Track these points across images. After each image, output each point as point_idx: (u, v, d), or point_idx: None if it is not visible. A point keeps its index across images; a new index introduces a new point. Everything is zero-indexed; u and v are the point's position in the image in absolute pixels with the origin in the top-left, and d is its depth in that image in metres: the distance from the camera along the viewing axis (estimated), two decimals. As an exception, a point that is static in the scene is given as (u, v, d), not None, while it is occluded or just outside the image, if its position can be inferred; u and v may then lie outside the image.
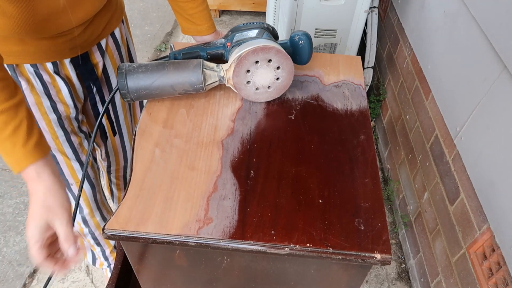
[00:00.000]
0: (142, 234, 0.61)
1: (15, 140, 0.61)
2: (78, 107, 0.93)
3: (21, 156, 0.61)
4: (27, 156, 0.62)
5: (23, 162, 0.62)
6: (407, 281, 1.53)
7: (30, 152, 0.62)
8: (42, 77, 0.83)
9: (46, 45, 0.78)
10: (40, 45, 0.78)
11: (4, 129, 0.60)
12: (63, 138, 0.93)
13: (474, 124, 1.12)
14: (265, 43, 0.75)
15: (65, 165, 0.98)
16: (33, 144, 0.62)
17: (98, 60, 0.91)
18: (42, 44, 0.78)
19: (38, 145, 0.63)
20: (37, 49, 0.78)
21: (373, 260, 0.60)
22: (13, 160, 0.62)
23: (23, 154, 0.61)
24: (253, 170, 0.70)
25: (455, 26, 1.26)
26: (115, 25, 0.92)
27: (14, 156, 0.61)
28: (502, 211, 0.98)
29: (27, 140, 0.62)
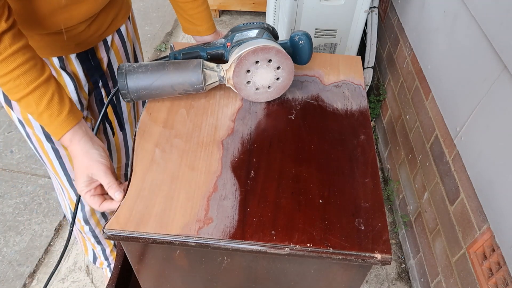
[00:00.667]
0: (142, 234, 0.61)
1: (51, 112, 0.68)
2: (83, 103, 0.93)
3: (57, 126, 0.69)
4: (62, 125, 0.69)
5: (60, 131, 0.69)
6: (407, 281, 1.53)
7: (64, 121, 0.69)
8: None
9: (51, 40, 0.79)
10: (46, 40, 0.78)
11: (39, 103, 0.67)
12: None
13: (474, 124, 1.12)
14: (265, 43, 0.75)
15: (67, 159, 0.98)
16: (66, 114, 0.69)
17: (103, 56, 0.91)
18: (47, 39, 0.78)
19: (70, 113, 0.70)
20: (42, 44, 0.79)
21: (373, 260, 0.60)
22: (52, 129, 0.69)
23: (59, 124, 0.69)
24: (253, 170, 0.70)
25: (455, 26, 1.26)
26: (121, 22, 0.92)
27: (52, 126, 0.69)
28: (502, 211, 0.98)
29: (61, 111, 0.69)
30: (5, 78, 0.63)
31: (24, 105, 0.67)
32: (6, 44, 0.62)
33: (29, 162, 1.87)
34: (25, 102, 0.66)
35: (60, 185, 1.06)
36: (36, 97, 0.66)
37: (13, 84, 0.64)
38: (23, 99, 0.66)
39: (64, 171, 1.00)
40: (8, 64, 0.63)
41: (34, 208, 1.70)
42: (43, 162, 1.00)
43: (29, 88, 0.65)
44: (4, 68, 0.63)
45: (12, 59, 0.63)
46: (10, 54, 0.62)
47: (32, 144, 0.95)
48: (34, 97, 0.66)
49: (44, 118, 0.68)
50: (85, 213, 1.13)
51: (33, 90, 0.66)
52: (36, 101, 0.66)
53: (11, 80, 0.64)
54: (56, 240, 1.61)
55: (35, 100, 0.66)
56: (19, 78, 0.64)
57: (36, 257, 1.55)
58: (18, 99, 0.66)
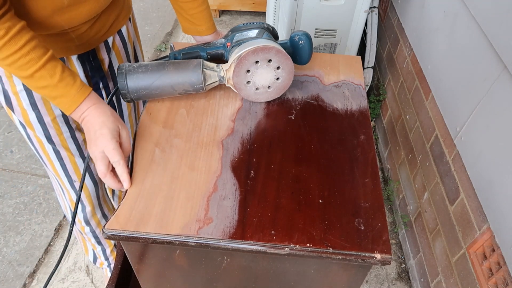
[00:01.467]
0: (142, 234, 0.61)
1: (66, 81, 0.69)
2: None
3: (76, 93, 0.70)
4: (81, 90, 0.71)
5: (80, 96, 0.71)
6: (407, 281, 1.53)
7: (81, 87, 0.71)
8: None
9: (53, 41, 0.79)
10: (47, 41, 0.78)
11: (53, 75, 0.68)
12: (67, 134, 0.93)
13: (474, 124, 1.12)
14: (265, 43, 0.75)
15: (68, 161, 0.98)
16: (80, 81, 0.71)
17: (104, 57, 0.91)
18: (49, 40, 0.78)
19: (82, 83, 0.72)
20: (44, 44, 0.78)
21: (373, 260, 0.60)
22: (69, 98, 0.70)
23: (77, 91, 0.70)
24: (253, 170, 0.70)
25: (455, 26, 1.26)
26: (122, 23, 0.92)
27: (70, 95, 0.70)
28: (502, 211, 0.98)
29: (75, 80, 0.71)
30: (16, 55, 0.64)
31: (37, 79, 0.68)
32: (10, 24, 0.63)
33: (29, 162, 1.87)
34: (38, 76, 0.67)
35: (61, 186, 1.06)
36: (49, 69, 0.68)
37: (24, 60, 0.65)
38: (37, 73, 0.67)
39: (65, 172, 1.00)
40: (17, 42, 0.64)
41: (34, 208, 1.70)
42: (44, 164, 1.00)
43: (41, 61, 0.66)
44: (14, 45, 0.64)
45: (19, 37, 0.64)
46: (16, 32, 0.64)
47: (33, 146, 0.95)
48: (47, 69, 0.67)
49: (60, 87, 0.69)
50: (85, 214, 1.13)
51: (46, 63, 0.67)
52: (50, 73, 0.68)
53: (22, 56, 0.65)
54: (56, 240, 1.61)
55: (48, 72, 0.68)
56: (30, 53, 0.65)
57: (36, 257, 1.55)
58: (31, 74, 0.67)
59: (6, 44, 0.63)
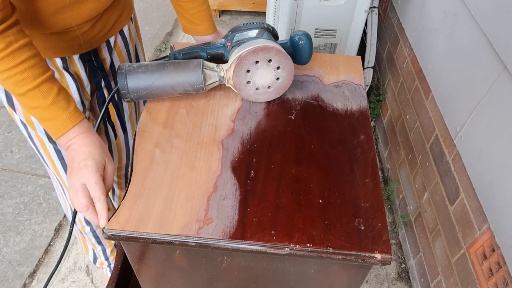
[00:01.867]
0: (142, 234, 0.61)
1: (59, 105, 0.68)
2: (85, 104, 0.93)
3: (67, 118, 0.69)
4: (73, 116, 0.70)
5: (70, 122, 0.69)
6: (407, 281, 1.53)
7: (73, 113, 0.70)
8: None
9: (55, 40, 0.79)
10: (49, 40, 0.78)
11: (47, 96, 0.67)
12: None
13: (474, 124, 1.12)
14: (265, 43, 0.75)
15: None
16: (73, 107, 0.70)
17: (106, 57, 0.92)
18: (51, 39, 0.78)
19: (76, 108, 0.71)
20: (46, 44, 0.79)
21: (373, 260, 0.60)
22: (59, 122, 0.69)
23: (68, 116, 0.69)
24: (253, 170, 0.70)
25: (455, 26, 1.26)
26: (124, 23, 0.92)
27: (60, 119, 0.69)
28: (502, 211, 0.98)
29: (69, 104, 0.70)
30: (12, 71, 0.64)
31: (29, 98, 0.67)
32: (13, 39, 0.63)
33: (29, 162, 1.87)
34: (31, 96, 0.66)
35: (61, 186, 1.06)
36: (44, 90, 0.67)
37: (20, 77, 0.65)
38: (30, 92, 0.66)
39: (66, 171, 1.00)
40: (15, 58, 0.63)
41: (34, 208, 1.70)
42: (45, 163, 1.00)
43: (36, 82, 0.66)
44: (11, 61, 0.63)
45: (19, 53, 0.63)
46: (17, 48, 0.63)
47: (34, 145, 0.95)
48: (41, 90, 0.66)
49: (52, 110, 0.68)
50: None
51: (41, 84, 0.66)
52: (44, 94, 0.67)
53: (18, 73, 0.64)
54: (56, 240, 1.61)
55: (42, 93, 0.67)
56: (26, 72, 0.65)
57: (36, 257, 1.55)
58: (23, 92, 0.66)
59: (4, 58, 0.62)
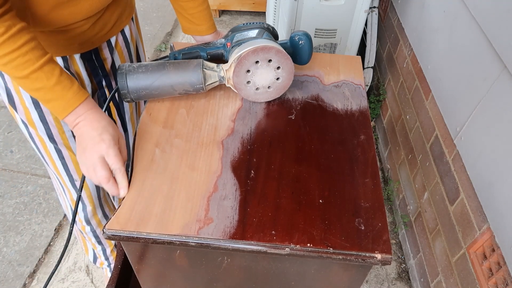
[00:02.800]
0: (143, 234, 0.61)
1: (63, 84, 0.68)
2: None
3: (72, 96, 0.69)
4: (78, 94, 0.70)
5: (76, 100, 0.70)
6: (407, 281, 1.53)
7: (78, 91, 0.70)
8: None
9: (55, 39, 0.79)
10: (50, 39, 0.78)
11: (50, 77, 0.67)
12: (69, 133, 0.93)
13: (474, 124, 1.12)
14: (265, 43, 0.75)
15: (70, 160, 0.98)
16: (77, 85, 0.70)
17: (107, 56, 0.91)
18: (52, 38, 0.78)
19: (79, 86, 0.71)
20: (46, 42, 0.78)
21: (373, 260, 0.60)
22: (64, 102, 0.69)
23: (73, 94, 0.69)
24: (253, 170, 0.70)
25: (455, 26, 1.26)
26: (125, 23, 0.92)
27: (66, 98, 0.69)
28: (502, 211, 0.98)
29: (72, 83, 0.70)
30: (14, 54, 0.64)
31: (32, 80, 0.67)
32: (11, 23, 0.63)
33: (29, 162, 1.87)
34: (35, 77, 0.66)
35: (62, 186, 1.06)
36: (47, 71, 0.67)
37: (22, 60, 0.64)
38: (33, 74, 0.66)
39: (66, 171, 1.00)
40: (16, 41, 0.63)
41: (34, 208, 1.70)
42: (45, 163, 1.00)
43: (39, 63, 0.66)
44: (12, 44, 0.63)
45: (19, 36, 0.64)
46: (17, 31, 0.63)
47: (34, 145, 0.95)
48: (45, 71, 0.66)
49: (56, 90, 0.68)
50: (86, 214, 1.13)
51: (44, 65, 0.66)
52: (47, 75, 0.67)
53: (20, 55, 0.64)
54: (56, 240, 1.61)
55: (45, 74, 0.67)
56: (28, 54, 0.65)
57: (36, 257, 1.55)
58: (26, 74, 0.66)
59: (5, 42, 0.63)
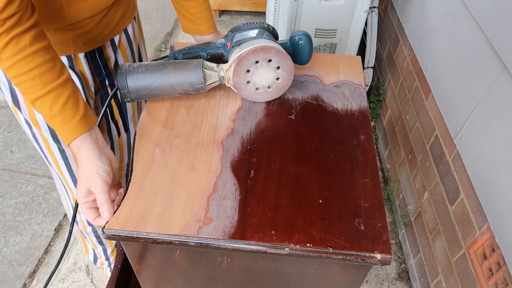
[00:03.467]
0: (142, 234, 0.61)
1: (63, 116, 0.67)
2: (90, 103, 0.93)
3: (68, 131, 0.68)
4: (73, 130, 0.68)
5: (70, 136, 0.68)
6: (407, 281, 1.53)
7: (76, 126, 0.68)
8: None
9: (60, 37, 0.79)
10: (55, 38, 0.78)
11: (53, 106, 0.66)
12: None
13: (474, 124, 1.12)
14: (265, 43, 0.75)
15: (73, 160, 0.98)
16: (78, 119, 0.68)
17: (110, 55, 0.92)
18: (56, 36, 0.78)
19: (83, 119, 0.69)
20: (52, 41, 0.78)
21: (373, 260, 0.60)
22: (63, 133, 0.68)
23: (70, 129, 0.68)
24: (253, 170, 0.70)
25: (455, 26, 1.26)
26: (128, 22, 0.92)
27: (64, 130, 0.68)
28: (502, 211, 0.98)
29: (74, 115, 0.68)
30: (23, 77, 0.63)
31: (38, 107, 0.66)
32: (26, 43, 0.62)
33: (29, 162, 1.87)
34: (39, 104, 0.66)
35: (64, 186, 1.06)
36: (51, 99, 0.66)
37: (30, 84, 0.64)
38: (38, 100, 0.65)
39: (69, 171, 1.00)
40: (27, 64, 0.62)
41: (34, 208, 1.70)
42: (48, 163, 1.00)
43: (44, 90, 0.65)
44: (22, 67, 0.62)
45: (31, 59, 0.62)
46: (30, 53, 0.62)
47: (37, 145, 0.95)
48: (49, 99, 0.66)
49: (55, 122, 0.67)
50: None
51: (49, 92, 0.65)
52: (51, 103, 0.66)
53: (28, 80, 0.63)
54: (56, 240, 1.61)
55: (49, 102, 0.66)
56: (36, 79, 0.64)
57: (36, 257, 1.55)
58: (32, 100, 0.65)
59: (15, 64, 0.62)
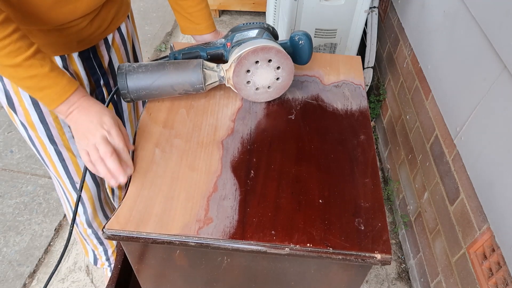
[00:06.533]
0: (142, 234, 0.61)
1: (57, 72, 0.68)
2: None
3: (67, 83, 0.69)
4: (72, 81, 0.70)
5: (71, 86, 0.70)
6: (407, 281, 1.53)
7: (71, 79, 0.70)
8: None
9: (53, 37, 0.79)
10: (48, 38, 0.78)
11: (44, 64, 0.67)
12: (69, 134, 0.93)
13: (474, 124, 1.12)
14: (265, 43, 0.75)
15: (70, 162, 0.97)
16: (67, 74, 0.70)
17: (104, 54, 0.92)
18: (49, 36, 0.78)
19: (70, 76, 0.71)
20: (45, 41, 0.78)
21: (373, 260, 0.60)
22: (59, 88, 0.69)
23: (68, 81, 0.69)
24: (253, 170, 0.70)
25: (455, 26, 1.26)
26: (122, 20, 0.92)
27: (60, 84, 0.69)
28: (502, 211, 0.98)
29: (64, 72, 0.70)
30: (5, 41, 0.63)
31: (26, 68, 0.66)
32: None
33: (29, 162, 1.87)
34: (28, 64, 0.65)
35: (62, 188, 1.05)
36: (39, 58, 0.66)
37: (14, 47, 0.64)
38: (27, 61, 0.65)
39: (67, 174, 1.00)
40: (5, 28, 0.63)
41: (34, 208, 1.70)
42: (46, 165, 1.00)
43: (31, 50, 0.65)
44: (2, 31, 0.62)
45: (7, 24, 0.63)
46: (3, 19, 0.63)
47: (34, 148, 0.95)
48: (38, 58, 0.66)
49: (51, 77, 0.67)
50: (87, 216, 1.12)
51: (36, 52, 0.66)
52: (41, 62, 0.66)
53: (12, 43, 0.63)
54: (56, 240, 1.61)
55: (39, 61, 0.66)
56: (19, 41, 0.64)
57: (36, 257, 1.55)
58: (20, 62, 0.65)
59: None
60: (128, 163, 0.68)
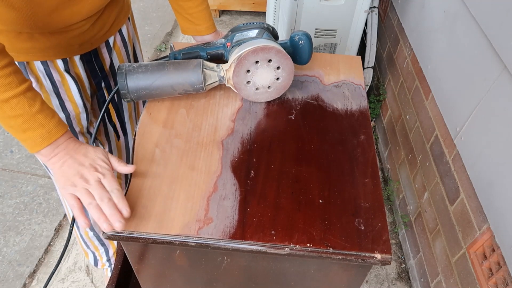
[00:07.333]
0: (142, 234, 0.61)
1: (46, 113, 0.65)
2: (87, 106, 0.93)
3: (54, 126, 0.66)
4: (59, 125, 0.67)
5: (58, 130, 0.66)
6: (407, 281, 1.53)
7: (59, 122, 0.67)
8: (52, 76, 0.83)
9: (55, 40, 0.79)
10: (50, 41, 0.78)
11: (33, 104, 0.64)
12: None
13: (474, 124, 1.12)
14: (265, 43, 0.75)
15: None
16: (58, 117, 0.67)
17: (105, 57, 0.91)
18: (51, 39, 0.78)
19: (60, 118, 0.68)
20: (47, 45, 0.78)
21: (373, 260, 0.60)
22: (45, 131, 0.65)
23: (55, 124, 0.66)
24: (253, 170, 0.70)
25: (455, 26, 1.26)
26: (123, 22, 0.92)
27: (47, 127, 0.65)
28: (502, 211, 0.98)
29: (53, 114, 0.67)
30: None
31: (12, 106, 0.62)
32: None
33: (29, 162, 1.87)
34: (15, 102, 0.62)
35: None
36: (30, 97, 0.63)
37: (5, 81, 0.61)
38: (14, 98, 0.62)
39: None
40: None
41: (34, 208, 1.70)
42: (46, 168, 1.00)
43: (21, 87, 0.62)
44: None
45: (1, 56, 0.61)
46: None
47: None
48: (27, 96, 0.63)
49: (37, 119, 0.64)
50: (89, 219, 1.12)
51: (26, 91, 0.63)
52: (29, 101, 0.63)
53: (3, 76, 0.61)
54: (56, 240, 1.61)
55: (28, 100, 0.63)
56: (11, 76, 0.61)
57: (36, 257, 1.55)
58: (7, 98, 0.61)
59: None
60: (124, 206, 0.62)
